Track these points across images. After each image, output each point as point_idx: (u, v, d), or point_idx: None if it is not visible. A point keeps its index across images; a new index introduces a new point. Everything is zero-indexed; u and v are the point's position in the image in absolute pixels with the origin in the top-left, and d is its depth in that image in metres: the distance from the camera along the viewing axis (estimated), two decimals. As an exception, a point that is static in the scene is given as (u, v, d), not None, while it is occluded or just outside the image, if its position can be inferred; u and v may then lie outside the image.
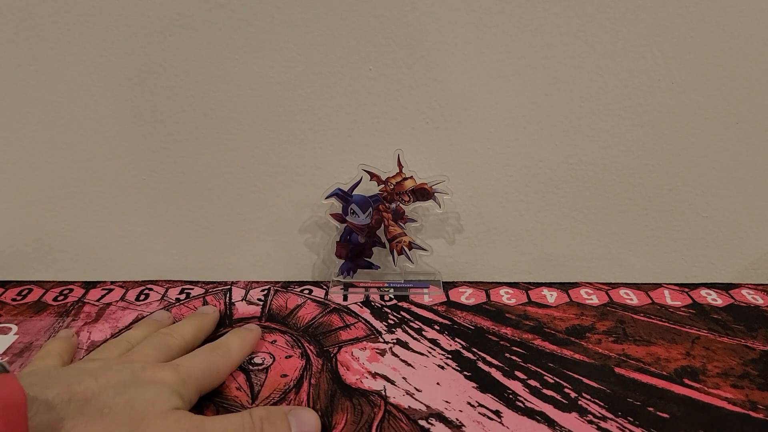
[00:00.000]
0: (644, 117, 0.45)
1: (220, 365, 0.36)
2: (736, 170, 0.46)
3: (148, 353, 0.36)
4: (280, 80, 0.44)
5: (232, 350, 0.38)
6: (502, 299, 0.47)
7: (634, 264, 0.49)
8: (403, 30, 0.42)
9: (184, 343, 0.38)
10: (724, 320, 0.44)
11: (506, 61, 0.43)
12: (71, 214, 0.48)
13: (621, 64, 0.43)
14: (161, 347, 0.37)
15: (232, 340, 0.39)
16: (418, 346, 0.41)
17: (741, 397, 0.36)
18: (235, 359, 0.38)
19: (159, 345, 0.37)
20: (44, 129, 0.45)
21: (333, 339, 0.42)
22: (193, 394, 0.34)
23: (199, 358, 0.36)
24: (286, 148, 0.46)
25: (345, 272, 0.48)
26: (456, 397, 0.36)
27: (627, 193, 0.47)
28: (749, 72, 0.43)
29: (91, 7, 0.42)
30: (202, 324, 0.41)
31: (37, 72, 0.43)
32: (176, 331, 0.39)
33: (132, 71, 0.43)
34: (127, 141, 0.46)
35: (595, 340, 0.42)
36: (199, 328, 0.41)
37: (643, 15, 0.42)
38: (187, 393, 0.33)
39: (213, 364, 0.36)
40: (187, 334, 0.39)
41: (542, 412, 0.35)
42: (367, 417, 0.34)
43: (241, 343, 0.39)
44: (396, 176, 0.44)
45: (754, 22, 0.42)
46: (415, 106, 0.45)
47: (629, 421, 0.34)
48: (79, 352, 0.41)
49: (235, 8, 0.42)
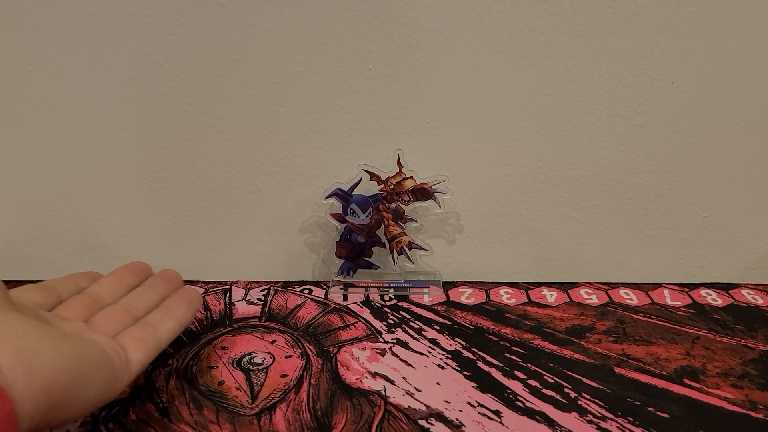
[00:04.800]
0: (644, 117, 0.45)
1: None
2: (736, 170, 0.46)
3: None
4: (280, 80, 0.44)
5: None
6: (502, 299, 0.47)
7: (634, 264, 0.49)
8: (403, 30, 0.42)
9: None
10: (724, 320, 0.44)
11: (506, 61, 0.43)
12: (71, 214, 0.48)
13: (621, 64, 0.43)
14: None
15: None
16: (418, 346, 0.41)
17: (741, 397, 0.36)
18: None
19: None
20: (44, 129, 0.45)
21: (333, 339, 0.42)
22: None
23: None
24: (286, 148, 0.46)
25: (345, 272, 0.48)
26: (456, 397, 0.36)
27: (627, 193, 0.47)
28: (749, 72, 0.43)
29: (91, 7, 0.42)
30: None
31: (37, 72, 0.43)
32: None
33: (132, 71, 0.44)
34: (127, 141, 0.46)
35: (595, 340, 0.42)
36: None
37: (643, 15, 0.42)
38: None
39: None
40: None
41: (542, 412, 0.35)
42: (367, 417, 0.34)
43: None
44: (396, 176, 0.44)
45: (754, 22, 0.42)
46: (415, 106, 0.45)
47: (629, 421, 0.34)
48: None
49: (235, 8, 0.42)
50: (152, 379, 0.37)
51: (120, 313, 0.36)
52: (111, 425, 0.33)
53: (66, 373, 0.27)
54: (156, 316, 0.36)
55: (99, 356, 0.30)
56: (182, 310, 0.38)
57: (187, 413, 0.35)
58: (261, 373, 0.38)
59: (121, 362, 0.31)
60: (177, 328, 0.37)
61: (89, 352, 0.29)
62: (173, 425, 0.34)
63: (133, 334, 0.34)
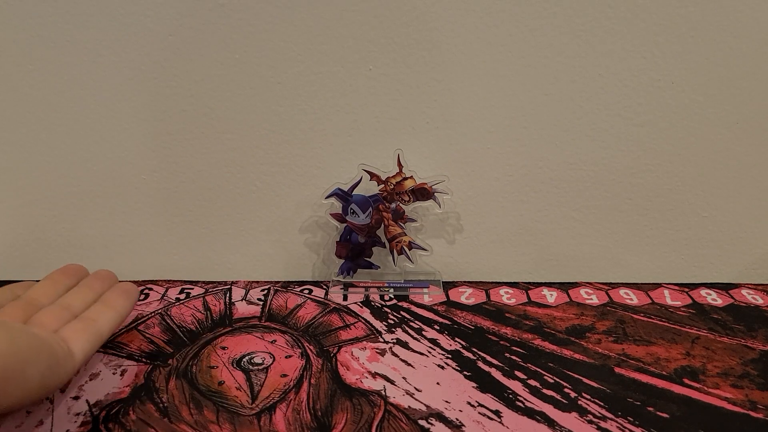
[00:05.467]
0: (644, 117, 0.45)
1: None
2: (736, 170, 0.46)
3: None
4: (280, 80, 0.44)
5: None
6: (502, 299, 0.47)
7: (634, 264, 0.49)
8: (403, 30, 0.42)
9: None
10: (724, 320, 0.44)
11: (506, 61, 0.43)
12: (71, 214, 0.48)
13: (621, 64, 0.43)
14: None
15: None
16: (418, 346, 0.41)
17: (741, 397, 0.36)
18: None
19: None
20: (44, 129, 0.45)
21: (333, 339, 0.42)
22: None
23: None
24: (286, 148, 0.46)
25: (345, 272, 0.48)
26: (456, 397, 0.36)
27: (627, 193, 0.47)
28: (749, 72, 0.43)
29: (91, 6, 0.42)
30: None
31: (37, 72, 0.43)
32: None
33: (132, 71, 0.44)
34: (127, 141, 0.46)
35: (595, 340, 0.42)
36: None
37: (643, 15, 0.42)
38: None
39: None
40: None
41: (542, 411, 0.35)
42: (367, 417, 0.34)
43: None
44: (396, 176, 0.44)
45: (754, 22, 0.42)
46: (415, 106, 0.45)
47: (629, 420, 0.34)
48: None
49: (235, 8, 0.42)
50: (152, 379, 0.37)
51: (58, 311, 0.37)
52: (111, 425, 0.33)
53: (2, 355, 0.28)
54: (95, 309, 0.39)
55: (38, 343, 0.32)
56: (120, 301, 0.40)
57: (187, 413, 0.35)
58: (261, 373, 0.38)
59: (64, 351, 0.33)
60: (116, 318, 0.39)
61: (27, 339, 0.31)
62: (173, 425, 0.34)
63: (73, 327, 0.36)
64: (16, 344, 0.30)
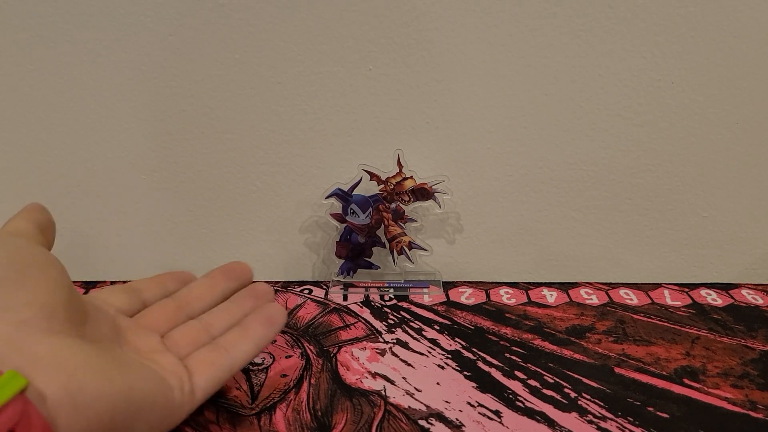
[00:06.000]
0: (644, 117, 0.45)
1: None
2: (736, 170, 0.46)
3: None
4: (280, 80, 0.44)
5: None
6: (502, 299, 0.47)
7: (634, 264, 0.49)
8: (403, 30, 0.42)
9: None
10: (724, 320, 0.44)
11: (506, 61, 0.43)
12: (71, 214, 0.48)
13: (621, 64, 0.43)
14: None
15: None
16: (418, 346, 0.41)
17: (741, 397, 0.36)
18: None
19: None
20: (44, 129, 0.45)
21: (333, 339, 0.42)
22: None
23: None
24: (286, 148, 0.46)
25: (345, 272, 0.48)
26: (456, 397, 0.36)
27: (627, 193, 0.47)
28: (749, 72, 0.43)
29: (91, 6, 0.42)
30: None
31: (37, 72, 0.43)
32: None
33: (132, 71, 0.44)
34: (127, 141, 0.46)
35: (595, 340, 0.42)
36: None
37: (643, 15, 0.42)
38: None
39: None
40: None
41: (542, 412, 0.35)
42: (367, 417, 0.34)
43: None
44: (396, 176, 0.44)
45: (754, 22, 0.42)
46: (415, 106, 0.45)
47: (629, 421, 0.34)
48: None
49: (235, 8, 0.42)
50: (152, 379, 0.37)
51: (196, 331, 0.34)
52: (111, 425, 0.33)
53: (112, 410, 0.25)
54: (233, 335, 0.34)
55: (156, 390, 0.28)
56: (261, 331, 0.34)
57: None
58: (261, 373, 0.38)
59: (183, 393, 0.29)
60: (253, 351, 0.34)
61: (146, 385, 0.27)
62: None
63: (204, 356, 0.32)
64: (132, 399, 0.26)
